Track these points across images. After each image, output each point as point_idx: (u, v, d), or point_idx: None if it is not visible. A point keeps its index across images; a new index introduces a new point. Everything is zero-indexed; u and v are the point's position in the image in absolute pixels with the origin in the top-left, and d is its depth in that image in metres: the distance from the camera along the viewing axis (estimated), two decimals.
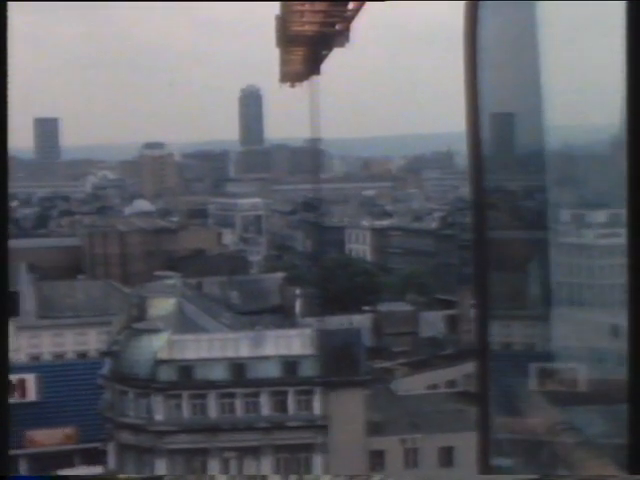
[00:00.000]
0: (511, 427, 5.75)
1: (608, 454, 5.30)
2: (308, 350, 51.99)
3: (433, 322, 73.43)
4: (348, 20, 16.34)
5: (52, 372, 67.95)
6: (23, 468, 66.98)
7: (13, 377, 67.39)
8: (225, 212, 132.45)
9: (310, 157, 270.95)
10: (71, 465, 66.29)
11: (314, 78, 20.88)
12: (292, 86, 22.33)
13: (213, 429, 51.72)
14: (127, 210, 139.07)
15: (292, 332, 54.34)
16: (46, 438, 67.16)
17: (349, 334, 55.60)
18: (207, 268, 75.28)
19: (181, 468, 52.04)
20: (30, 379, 67.52)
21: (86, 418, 63.63)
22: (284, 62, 20.35)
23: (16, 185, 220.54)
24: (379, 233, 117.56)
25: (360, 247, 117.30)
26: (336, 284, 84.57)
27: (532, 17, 5.22)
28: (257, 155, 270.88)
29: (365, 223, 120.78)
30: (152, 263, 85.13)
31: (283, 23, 16.53)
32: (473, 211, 5.63)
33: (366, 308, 70.77)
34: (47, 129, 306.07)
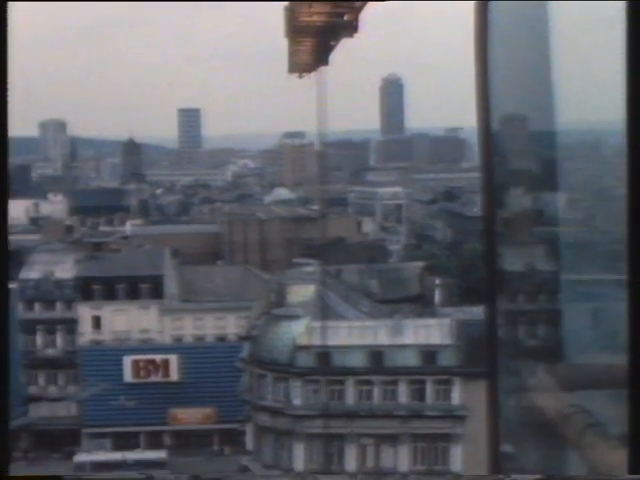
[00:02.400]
0: None
1: None
2: (447, 340, 51.48)
3: None
4: (356, 11, 16.19)
5: (193, 354, 69.58)
6: (167, 443, 68.98)
7: (157, 357, 69.56)
8: (365, 201, 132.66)
9: (451, 146, 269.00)
10: (211, 444, 67.85)
11: (322, 69, 20.78)
12: (300, 77, 22.13)
13: (350, 415, 51.86)
14: (267, 198, 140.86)
15: (431, 321, 53.91)
16: (187, 417, 68.99)
17: None
18: (346, 256, 75.41)
19: (318, 452, 52.39)
20: (173, 360, 69.44)
21: (224, 399, 64.92)
22: (292, 53, 20.11)
23: (160, 173, 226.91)
24: None
25: None
26: (476, 274, 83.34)
27: (543, 13, 5.17)
28: (398, 144, 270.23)
29: None
30: (291, 251, 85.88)
31: (292, 14, 16.43)
32: (483, 212, 5.71)
33: None
34: (190, 119, 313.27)
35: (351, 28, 16.62)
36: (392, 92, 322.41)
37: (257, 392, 55.20)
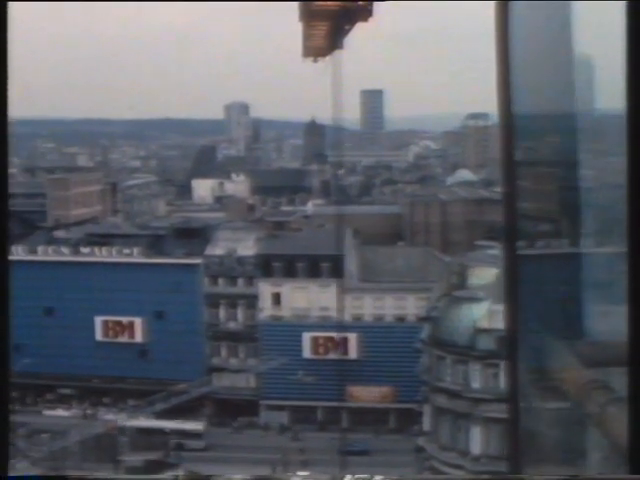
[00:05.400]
0: None
1: None
2: None
3: None
4: None
5: (372, 333, 69.82)
6: (345, 420, 69.70)
7: (337, 335, 70.21)
8: None
9: None
10: (387, 423, 68.04)
11: (337, 53, 20.11)
12: (315, 61, 21.40)
13: None
14: (449, 180, 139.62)
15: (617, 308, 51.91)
16: (365, 394, 69.43)
17: None
18: None
19: (495, 437, 51.51)
20: (352, 338, 69.96)
21: (402, 379, 64.87)
22: (307, 37, 19.47)
23: (342, 154, 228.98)
24: None
25: None
26: None
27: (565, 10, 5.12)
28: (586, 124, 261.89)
29: None
30: (473, 233, 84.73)
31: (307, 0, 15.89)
32: (503, 201, 5.73)
33: None
34: (373, 101, 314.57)
35: (366, 12, 16.42)
36: (583, 71, 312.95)
37: (435, 373, 54.82)
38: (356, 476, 3.52)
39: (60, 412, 74.81)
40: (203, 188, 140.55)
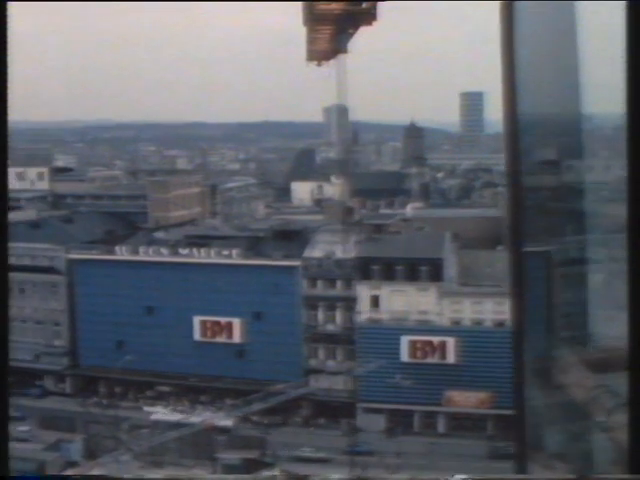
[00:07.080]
0: None
1: None
2: None
3: None
4: None
5: (471, 337, 69.12)
6: (441, 425, 69.17)
7: (435, 339, 69.75)
8: None
9: None
10: (485, 429, 67.18)
11: (341, 56, 19.60)
12: (319, 65, 20.79)
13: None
14: None
15: None
16: (462, 399, 68.80)
17: None
18: None
19: None
20: (450, 342, 69.44)
21: (501, 385, 63.97)
22: (311, 40, 18.94)
23: (442, 157, 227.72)
24: None
25: None
26: None
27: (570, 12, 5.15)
28: None
29: None
30: None
31: (310, 1, 15.40)
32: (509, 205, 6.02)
33: None
34: (472, 103, 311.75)
35: (370, 16, 16.07)
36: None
37: None
38: (456, 476, 3.54)
39: (159, 409, 76.17)
40: (302, 191, 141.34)
